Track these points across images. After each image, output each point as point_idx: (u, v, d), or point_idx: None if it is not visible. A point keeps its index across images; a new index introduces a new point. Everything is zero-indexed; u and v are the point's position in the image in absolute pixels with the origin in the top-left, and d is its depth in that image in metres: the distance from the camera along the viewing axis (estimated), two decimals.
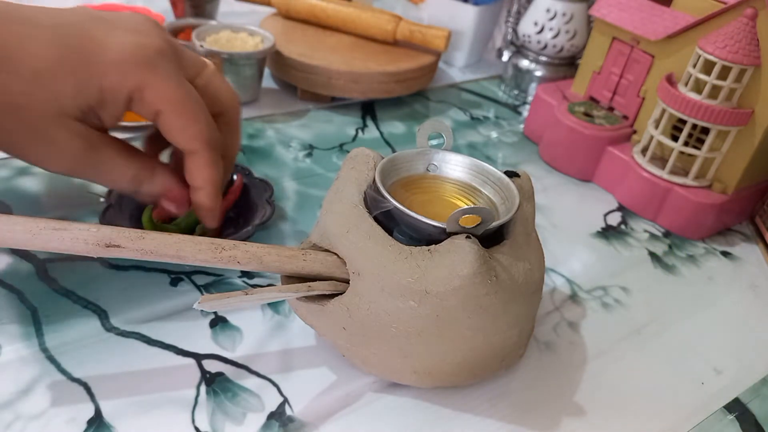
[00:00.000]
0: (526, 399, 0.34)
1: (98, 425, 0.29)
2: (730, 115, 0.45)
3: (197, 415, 0.30)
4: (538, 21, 0.65)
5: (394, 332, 0.29)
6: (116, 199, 0.39)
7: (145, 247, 0.28)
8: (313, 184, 0.49)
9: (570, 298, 0.42)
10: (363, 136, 0.58)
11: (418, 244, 0.29)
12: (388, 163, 0.32)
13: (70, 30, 0.30)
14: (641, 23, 0.52)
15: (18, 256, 0.37)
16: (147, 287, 0.37)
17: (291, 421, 0.31)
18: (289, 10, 0.67)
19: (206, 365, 0.33)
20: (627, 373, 0.37)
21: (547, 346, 0.38)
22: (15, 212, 0.41)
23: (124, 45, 0.30)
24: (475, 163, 0.34)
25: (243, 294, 0.28)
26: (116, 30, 0.31)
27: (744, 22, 0.44)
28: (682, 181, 0.49)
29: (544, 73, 0.68)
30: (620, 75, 0.55)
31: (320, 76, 0.59)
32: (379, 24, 0.64)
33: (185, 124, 0.32)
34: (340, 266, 0.30)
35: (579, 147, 0.54)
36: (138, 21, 0.32)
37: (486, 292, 0.28)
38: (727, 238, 0.51)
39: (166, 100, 0.31)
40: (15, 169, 0.45)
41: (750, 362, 0.39)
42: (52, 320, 0.34)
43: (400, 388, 0.33)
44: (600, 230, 0.49)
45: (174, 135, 0.33)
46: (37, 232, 0.27)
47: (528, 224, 0.33)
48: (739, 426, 0.34)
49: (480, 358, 0.31)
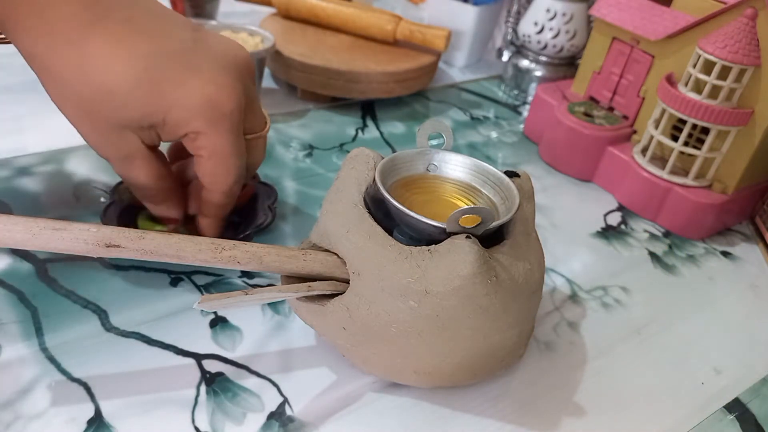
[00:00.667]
0: (526, 399, 0.34)
1: (98, 425, 0.29)
2: (730, 115, 0.45)
3: (197, 415, 0.30)
4: (538, 21, 0.65)
5: (394, 332, 0.29)
6: (117, 198, 0.39)
7: (145, 247, 0.28)
8: (313, 184, 0.49)
9: (570, 298, 0.42)
10: (363, 136, 0.58)
11: (418, 244, 0.29)
12: (388, 163, 0.32)
13: (158, 61, 0.31)
14: (641, 23, 0.52)
15: (18, 256, 0.37)
16: (147, 287, 0.37)
17: (291, 421, 0.31)
18: (289, 10, 0.67)
19: (206, 365, 0.33)
20: (627, 373, 0.37)
21: (547, 346, 0.38)
22: (15, 212, 0.41)
23: (199, 95, 0.32)
24: (475, 163, 0.34)
25: (243, 294, 0.28)
26: (201, 73, 0.32)
27: (744, 22, 0.44)
28: (682, 181, 0.49)
29: (544, 73, 0.68)
30: (620, 75, 0.55)
31: (320, 76, 0.59)
32: (379, 24, 0.64)
33: (218, 174, 0.34)
34: (340, 266, 0.30)
35: (579, 147, 0.54)
36: (226, 67, 0.33)
37: (486, 292, 0.28)
38: (727, 238, 0.51)
39: (214, 151, 0.33)
40: (15, 169, 0.45)
41: (750, 362, 0.39)
42: (52, 320, 0.34)
43: (400, 388, 0.33)
44: (600, 230, 0.49)
45: (203, 176, 0.35)
46: (37, 232, 0.27)
47: (528, 224, 0.33)
48: (739, 426, 0.34)
49: (480, 358, 0.31)
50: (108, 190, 0.41)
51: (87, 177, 0.45)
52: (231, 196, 0.36)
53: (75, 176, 0.45)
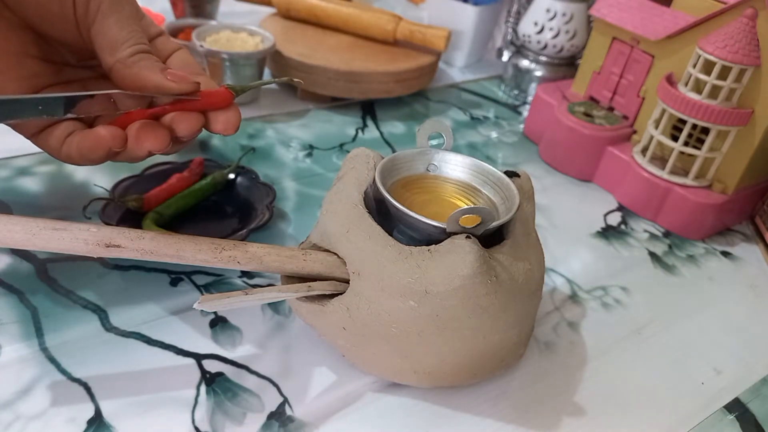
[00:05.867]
0: (526, 399, 0.34)
1: (98, 425, 0.29)
2: (730, 115, 0.45)
3: (197, 415, 0.30)
4: (538, 21, 0.65)
5: (394, 332, 0.29)
6: (117, 196, 0.39)
7: (145, 247, 0.28)
8: (313, 184, 0.49)
9: (570, 298, 0.42)
10: (363, 136, 0.58)
11: (418, 244, 0.29)
12: (388, 163, 0.32)
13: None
14: (641, 23, 0.52)
15: (18, 256, 0.37)
16: (147, 287, 0.37)
17: (291, 421, 0.31)
18: (289, 10, 0.67)
19: (206, 365, 0.33)
20: (627, 373, 0.37)
21: (547, 346, 0.38)
22: (15, 212, 0.41)
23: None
24: (475, 163, 0.34)
25: (243, 294, 0.28)
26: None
27: (744, 22, 0.44)
28: (682, 181, 0.49)
29: (544, 73, 0.68)
30: (620, 75, 0.55)
31: (320, 76, 0.59)
32: (379, 24, 0.64)
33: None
34: (340, 266, 0.30)
35: (579, 147, 0.54)
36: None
37: (486, 292, 0.28)
38: (727, 238, 0.51)
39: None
40: (15, 169, 0.45)
41: (750, 362, 0.39)
42: (52, 320, 0.34)
43: (400, 388, 0.33)
44: (600, 230, 0.49)
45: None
46: (37, 232, 0.27)
47: (528, 224, 0.33)
48: (739, 426, 0.34)
49: (480, 358, 0.31)
50: (108, 189, 0.41)
51: (87, 177, 0.45)
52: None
53: (75, 176, 0.45)
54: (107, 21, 0.31)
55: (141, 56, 0.31)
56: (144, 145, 0.30)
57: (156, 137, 0.30)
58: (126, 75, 0.31)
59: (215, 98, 0.31)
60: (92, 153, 0.30)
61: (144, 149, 0.30)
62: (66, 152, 0.32)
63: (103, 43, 0.31)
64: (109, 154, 0.30)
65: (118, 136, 0.30)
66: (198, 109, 0.31)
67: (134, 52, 0.31)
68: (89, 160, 0.31)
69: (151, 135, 0.30)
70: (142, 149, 0.30)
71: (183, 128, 0.30)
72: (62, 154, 0.32)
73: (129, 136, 0.30)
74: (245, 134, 0.54)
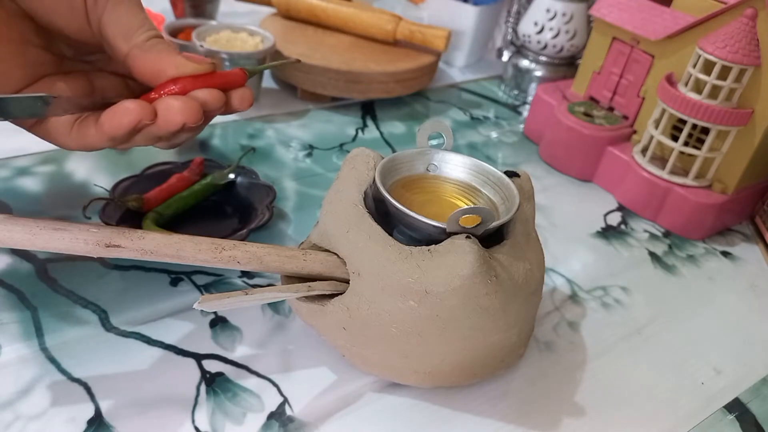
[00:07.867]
0: (526, 399, 0.34)
1: (98, 425, 0.29)
2: (730, 115, 0.45)
3: (197, 415, 0.30)
4: (538, 21, 0.65)
5: (394, 332, 0.29)
6: (117, 196, 0.39)
7: (145, 247, 0.28)
8: (313, 184, 0.49)
9: (570, 298, 0.42)
10: (363, 136, 0.58)
11: (418, 244, 0.29)
12: (388, 163, 0.32)
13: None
14: (641, 23, 0.52)
15: (18, 256, 0.37)
16: (147, 287, 0.37)
17: (291, 421, 0.31)
18: (289, 10, 0.67)
19: (206, 365, 0.33)
20: (627, 373, 0.37)
21: (547, 346, 0.38)
22: (15, 212, 0.41)
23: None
24: (475, 163, 0.34)
25: (243, 294, 0.28)
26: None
27: (744, 22, 0.44)
28: (682, 181, 0.49)
29: (544, 73, 0.68)
30: (620, 75, 0.55)
31: (320, 76, 0.59)
32: (379, 24, 0.64)
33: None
34: (340, 266, 0.30)
35: (579, 147, 0.54)
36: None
37: (486, 292, 0.28)
38: (727, 238, 0.51)
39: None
40: (15, 169, 0.45)
41: (750, 362, 0.39)
42: (52, 320, 0.34)
43: (400, 388, 0.33)
44: (600, 230, 0.49)
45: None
46: (37, 232, 0.27)
47: (528, 224, 0.33)
48: (739, 426, 0.34)
49: (480, 358, 0.31)
50: (108, 189, 0.41)
51: (87, 177, 0.45)
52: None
53: (75, 176, 0.45)
54: (118, 9, 0.31)
55: (157, 41, 0.31)
56: (176, 118, 0.29)
57: (189, 108, 0.29)
58: (144, 59, 0.31)
59: (232, 76, 0.32)
60: (117, 128, 0.29)
61: (176, 122, 0.29)
62: (77, 137, 0.31)
63: (116, 30, 0.31)
64: (138, 127, 0.29)
65: (148, 108, 0.29)
66: (217, 87, 0.31)
67: (150, 37, 0.31)
68: (112, 139, 0.30)
69: (183, 106, 0.29)
70: (174, 122, 0.29)
71: (211, 101, 0.30)
72: (71, 140, 0.32)
73: (159, 109, 0.29)
74: (245, 134, 0.54)
